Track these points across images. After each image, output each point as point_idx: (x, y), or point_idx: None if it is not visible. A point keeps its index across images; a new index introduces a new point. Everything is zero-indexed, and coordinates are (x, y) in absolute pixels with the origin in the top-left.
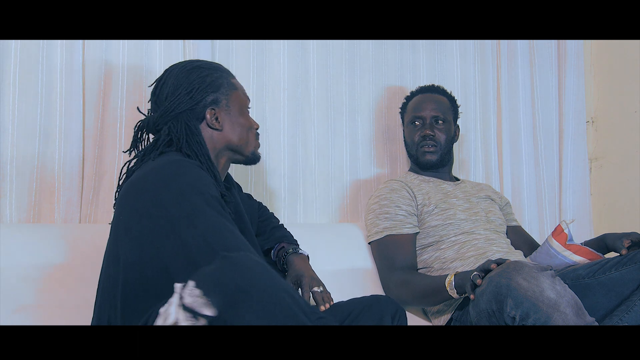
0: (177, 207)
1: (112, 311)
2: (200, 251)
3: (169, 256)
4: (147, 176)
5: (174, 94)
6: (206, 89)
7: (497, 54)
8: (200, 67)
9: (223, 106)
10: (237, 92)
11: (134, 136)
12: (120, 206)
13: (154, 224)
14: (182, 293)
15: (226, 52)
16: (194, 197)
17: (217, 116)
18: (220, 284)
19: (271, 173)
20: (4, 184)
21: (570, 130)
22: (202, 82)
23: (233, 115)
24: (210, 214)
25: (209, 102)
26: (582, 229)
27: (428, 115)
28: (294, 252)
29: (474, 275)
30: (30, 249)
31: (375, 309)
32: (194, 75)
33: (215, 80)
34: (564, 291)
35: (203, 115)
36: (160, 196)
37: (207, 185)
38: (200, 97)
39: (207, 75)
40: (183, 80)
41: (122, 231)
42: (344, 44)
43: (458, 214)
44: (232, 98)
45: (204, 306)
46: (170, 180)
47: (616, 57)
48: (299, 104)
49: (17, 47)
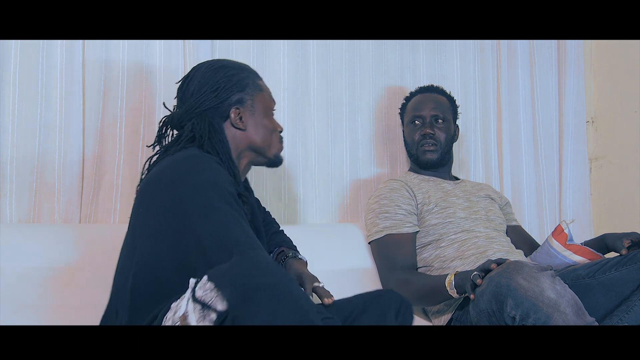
0: (192, 202)
1: (120, 305)
2: (212, 247)
3: (183, 251)
4: (164, 171)
5: (199, 91)
6: (232, 88)
7: (497, 54)
8: (228, 66)
9: (248, 106)
10: (263, 93)
11: (158, 131)
12: (138, 201)
13: (169, 220)
14: (194, 287)
15: (226, 52)
16: (209, 192)
17: (242, 116)
18: (236, 280)
19: (271, 173)
20: (4, 184)
21: (570, 130)
22: (229, 81)
23: (257, 116)
24: (224, 210)
25: (234, 102)
26: (582, 229)
27: (428, 114)
28: (293, 256)
29: (474, 275)
30: (30, 249)
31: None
32: (221, 73)
33: (242, 80)
34: (564, 291)
35: (227, 114)
36: (176, 191)
37: (224, 181)
38: (225, 96)
39: (233, 74)
40: (210, 78)
41: (139, 227)
42: (344, 44)
43: (458, 212)
44: (258, 99)
45: (216, 300)
46: (187, 176)
47: (616, 57)
48: (299, 104)
49: (17, 47)
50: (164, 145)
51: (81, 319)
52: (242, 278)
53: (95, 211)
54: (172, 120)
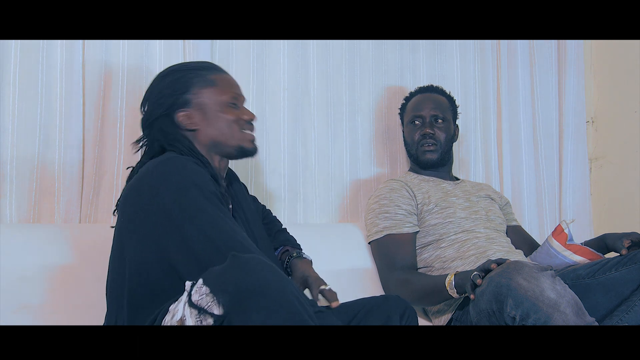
0: (176, 203)
1: (120, 312)
2: (202, 246)
3: (173, 253)
4: (144, 176)
5: (148, 101)
6: (174, 93)
7: (497, 54)
8: (176, 70)
9: (195, 105)
10: (213, 87)
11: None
12: (122, 209)
13: (155, 223)
14: (190, 291)
15: (226, 52)
16: (192, 192)
17: (190, 116)
18: (229, 284)
19: (271, 173)
20: (4, 184)
21: (570, 130)
22: (171, 86)
23: (209, 111)
24: (210, 210)
25: (178, 105)
26: (582, 229)
27: (428, 114)
28: (297, 256)
29: (474, 275)
30: (30, 249)
31: (383, 309)
32: (166, 80)
33: (187, 81)
34: (564, 291)
35: (176, 119)
36: (159, 194)
37: (204, 181)
38: (169, 102)
39: (179, 77)
40: (155, 87)
41: (125, 233)
42: (344, 44)
43: (458, 212)
44: (206, 95)
45: (212, 305)
46: (168, 177)
47: (616, 57)
48: (299, 104)
49: (17, 47)
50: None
51: (81, 319)
52: (235, 281)
53: (95, 211)
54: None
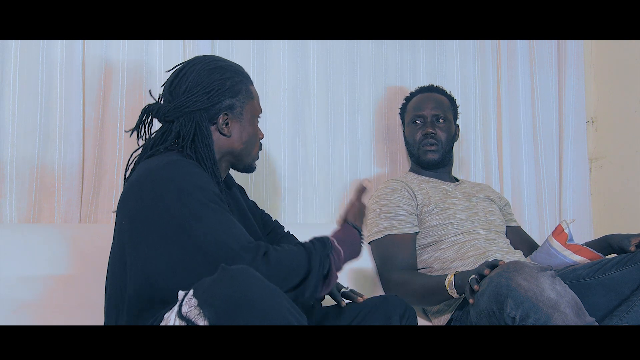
0: (180, 206)
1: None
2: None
3: (180, 256)
4: (145, 178)
5: (191, 90)
6: (225, 93)
7: (497, 54)
8: (224, 67)
9: (237, 113)
10: (252, 101)
11: (139, 118)
12: (122, 210)
13: (158, 227)
14: (182, 301)
15: (226, 52)
16: (196, 195)
17: (229, 122)
18: (215, 297)
19: (271, 173)
20: (4, 184)
21: (570, 130)
22: (222, 84)
23: (243, 124)
24: (216, 209)
25: (224, 107)
26: (582, 229)
27: (429, 114)
28: None
29: (471, 280)
30: (30, 249)
31: (383, 309)
32: (216, 75)
33: (236, 85)
34: (564, 291)
35: (216, 119)
36: (162, 197)
37: (207, 183)
38: (217, 100)
39: (228, 77)
40: (204, 78)
41: (126, 236)
42: (344, 44)
43: (458, 213)
44: (247, 107)
45: (198, 318)
46: (170, 180)
47: (616, 57)
48: (299, 104)
49: (17, 47)
50: (148, 143)
51: (81, 319)
52: (222, 295)
53: (95, 211)
54: (157, 112)
